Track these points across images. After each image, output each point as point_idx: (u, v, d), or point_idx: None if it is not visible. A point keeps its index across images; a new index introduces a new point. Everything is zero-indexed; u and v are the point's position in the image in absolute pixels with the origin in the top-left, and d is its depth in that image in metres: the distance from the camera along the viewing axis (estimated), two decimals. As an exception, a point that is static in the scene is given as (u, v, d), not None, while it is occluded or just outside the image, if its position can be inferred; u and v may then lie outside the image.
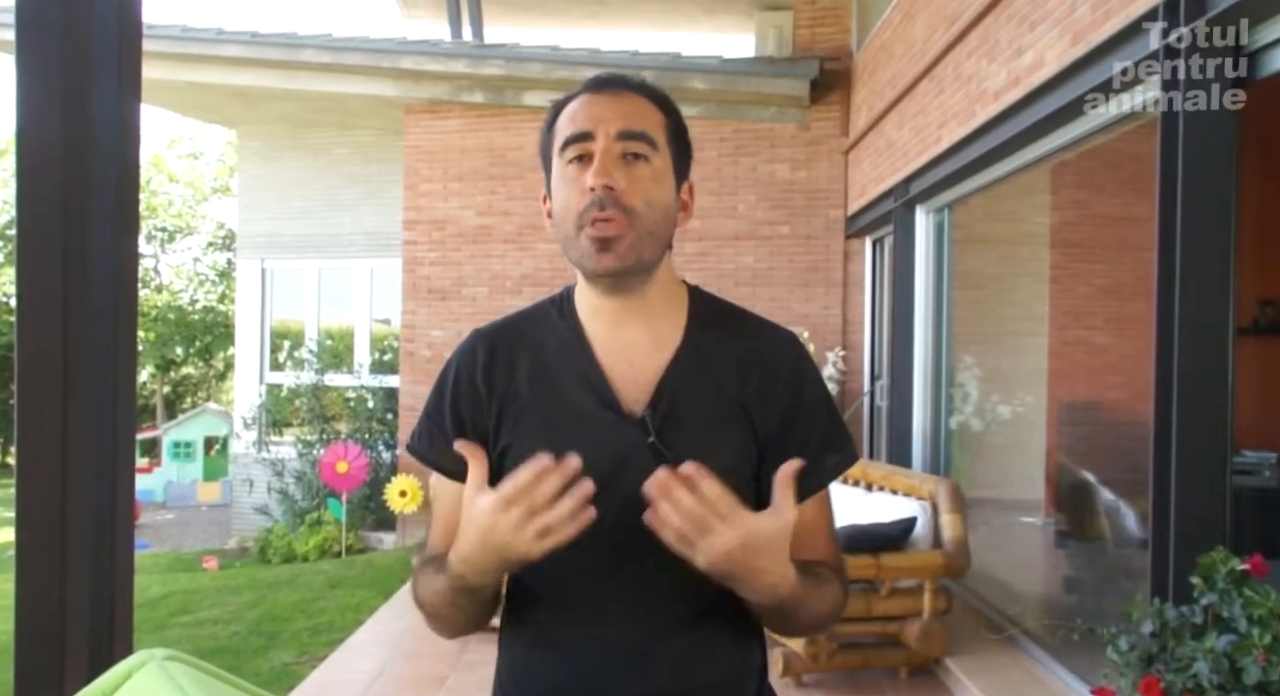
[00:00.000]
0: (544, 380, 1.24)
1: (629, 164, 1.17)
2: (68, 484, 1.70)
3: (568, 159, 1.19)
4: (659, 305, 1.26)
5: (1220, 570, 2.28)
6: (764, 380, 1.25)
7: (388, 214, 9.25)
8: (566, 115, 1.22)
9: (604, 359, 1.24)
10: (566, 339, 1.26)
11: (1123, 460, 4.38)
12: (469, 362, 1.26)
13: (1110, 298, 4.81)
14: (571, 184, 1.18)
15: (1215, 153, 2.79)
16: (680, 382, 1.23)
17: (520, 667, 1.28)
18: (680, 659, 1.21)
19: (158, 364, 22.60)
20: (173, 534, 12.35)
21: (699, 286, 1.33)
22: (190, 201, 25.09)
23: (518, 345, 1.27)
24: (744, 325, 1.31)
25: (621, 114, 1.19)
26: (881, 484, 4.71)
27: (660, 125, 1.23)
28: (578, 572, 1.21)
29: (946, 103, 4.94)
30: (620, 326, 1.25)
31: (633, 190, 1.16)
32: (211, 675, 0.80)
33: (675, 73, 7.34)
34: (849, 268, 7.40)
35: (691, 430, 1.21)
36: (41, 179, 1.68)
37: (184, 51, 7.97)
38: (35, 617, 1.73)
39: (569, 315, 1.27)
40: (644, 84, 1.25)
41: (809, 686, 4.03)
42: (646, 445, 1.19)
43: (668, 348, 1.25)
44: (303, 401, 9.95)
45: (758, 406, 1.24)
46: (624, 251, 1.16)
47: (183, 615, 6.44)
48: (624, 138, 1.18)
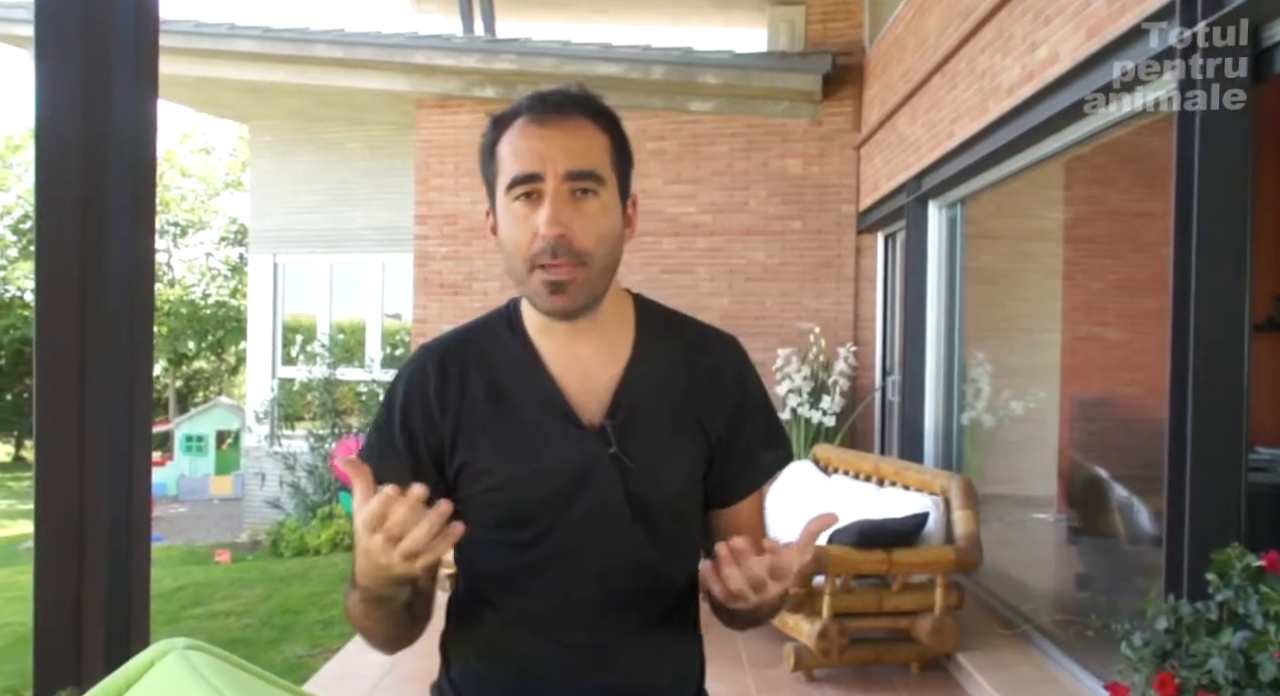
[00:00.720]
0: (499, 398, 1.24)
1: (578, 200, 1.16)
2: (85, 478, 1.72)
3: (515, 196, 1.17)
4: (608, 320, 1.27)
5: (1235, 566, 2.27)
6: (712, 385, 1.28)
7: (399, 209, 9.27)
8: (509, 148, 1.18)
9: (558, 373, 1.25)
10: (518, 356, 1.26)
11: (1136, 456, 4.36)
12: (420, 380, 1.26)
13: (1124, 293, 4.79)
14: (521, 223, 1.16)
15: (1231, 149, 2.77)
16: (635, 392, 1.25)
17: (472, 670, 1.29)
18: (637, 662, 1.24)
19: (170, 358, 22.71)
20: (185, 527, 12.43)
21: (642, 295, 1.34)
22: (202, 196, 25.20)
23: (469, 361, 1.26)
24: (689, 332, 1.33)
25: (567, 151, 1.16)
26: (893, 479, 4.70)
27: (605, 150, 1.20)
28: (538, 580, 1.22)
29: (959, 98, 4.92)
30: (571, 342, 1.25)
31: (584, 230, 1.16)
32: (233, 664, 0.81)
33: (687, 67, 7.33)
34: (861, 263, 7.38)
35: (649, 438, 1.23)
36: (60, 173, 1.69)
37: (196, 47, 7.99)
38: (54, 610, 1.74)
39: (518, 331, 1.27)
40: (586, 102, 1.21)
41: (820, 681, 4.03)
42: (608, 455, 1.21)
43: (619, 359, 1.26)
44: (314, 395, 9.98)
45: (707, 411, 1.27)
46: (577, 293, 1.17)
47: (196, 607, 6.48)
48: (573, 178, 1.16)
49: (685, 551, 1.29)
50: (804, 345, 7.11)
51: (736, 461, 1.29)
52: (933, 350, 5.89)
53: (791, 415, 6.79)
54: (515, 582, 1.23)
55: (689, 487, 1.27)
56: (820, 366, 6.96)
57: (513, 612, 1.24)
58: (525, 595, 1.23)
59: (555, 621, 1.23)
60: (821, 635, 3.88)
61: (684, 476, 1.26)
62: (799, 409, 6.77)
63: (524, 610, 1.24)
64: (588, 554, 1.21)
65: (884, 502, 4.40)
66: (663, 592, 1.27)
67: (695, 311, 1.40)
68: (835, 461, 5.31)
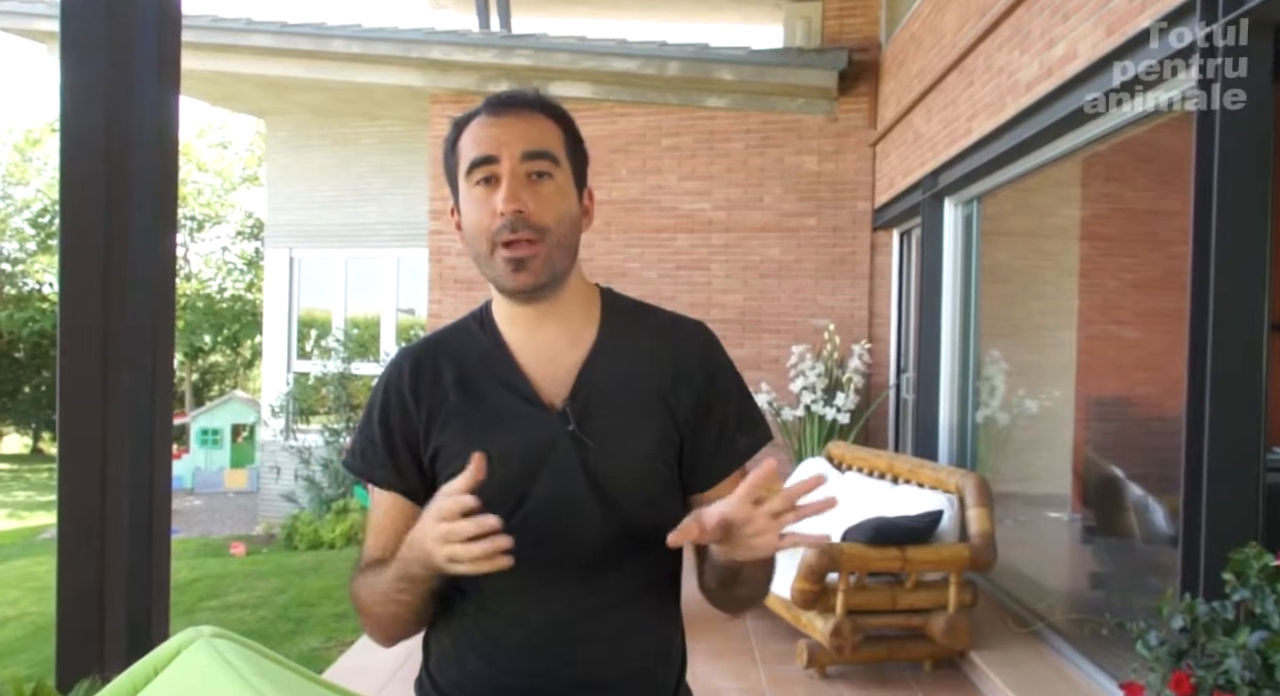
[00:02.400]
0: (467, 386, 1.30)
1: (534, 183, 1.23)
2: (108, 468, 1.73)
3: (474, 181, 1.24)
4: (573, 307, 1.32)
5: (1253, 566, 2.27)
6: (678, 370, 1.31)
7: (414, 204, 9.30)
8: (469, 138, 1.26)
9: (523, 359, 1.30)
10: (486, 347, 1.32)
11: (1151, 456, 4.34)
12: (396, 378, 1.33)
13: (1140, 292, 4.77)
14: (481, 205, 1.23)
15: (1251, 147, 2.76)
16: (598, 375, 1.29)
17: (448, 656, 1.32)
18: (611, 642, 1.27)
19: (186, 352, 22.86)
20: (200, 520, 12.50)
21: (611, 288, 1.39)
22: (219, 190, 25.33)
23: (441, 357, 1.33)
24: (655, 319, 1.39)
25: (522, 135, 1.24)
26: (908, 477, 4.70)
27: (559, 140, 1.27)
28: None
29: (976, 95, 4.91)
30: (537, 329, 1.31)
31: (542, 209, 1.22)
32: (258, 652, 0.82)
33: (703, 63, 7.32)
34: (876, 260, 7.36)
35: (610, 419, 1.27)
36: (84, 168, 1.71)
37: (214, 41, 8.03)
38: (76, 600, 1.76)
39: (489, 325, 1.34)
40: (540, 99, 1.29)
41: (833, 678, 4.04)
42: (567, 434, 1.25)
43: (584, 344, 1.31)
44: (329, 390, 10.03)
45: (674, 395, 1.30)
46: (538, 268, 1.23)
47: (211, 599, 6.53)
48: (528, 158, 1.23)
49: (654, 533, 1.28)
50: (818, 342, 7.11)
51: (708, 444, 1.31)
52: (948, 347, 5.87)
53: (805, 412, 6.78)
54: None
55: (654, 468, 1.29)
56: (834, 363, 6.95)
57: (483, 597, 1.27)
58: (493, 578, 1.23)
59: (523, 604, 1.26)
60: (835, 632, 3.89)
61: (647, 455, 1.28)
62: (812, 406, 6.76)
63: (494, 594, 1.26)
64: (553, 535, 1.24)
65: (898, 500, 4.40)
66: (632, 575, 1.28)
67: (709, 308, 1.42)
68: (849, 458, 5.31)
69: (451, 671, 1.31)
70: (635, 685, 1.31)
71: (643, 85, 7.46)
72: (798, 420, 6.81)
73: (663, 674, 1.34)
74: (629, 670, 1.29)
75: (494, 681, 1.27)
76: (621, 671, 1.29)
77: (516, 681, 1.26)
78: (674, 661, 1.37)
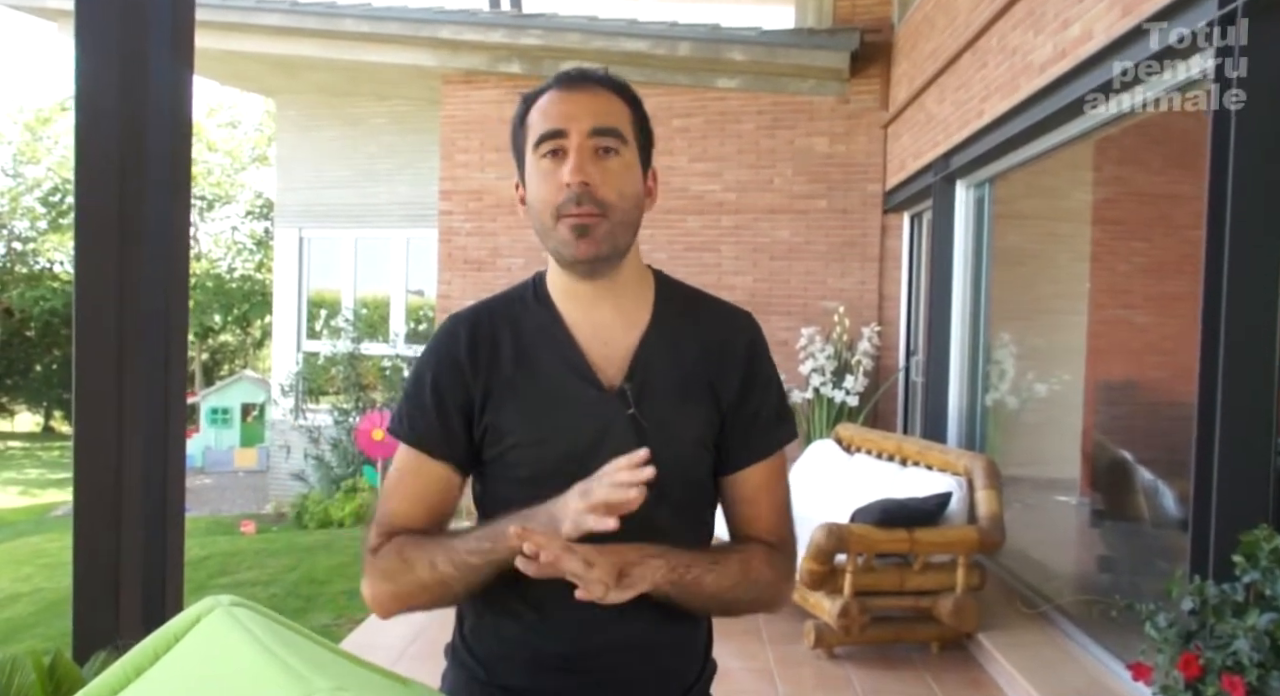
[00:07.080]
0: (525, 361, 1.31)
1: (601, 158, 1.25)
2: (124, 444, 1.75)
3: (542, 154, 1.26)
4: (628, 288, 1.34)
5: (1264, 548, 2.27)
6: (725, 355, 1.34)
7: (424, 184, 9.29)
8: (539, 112, 1.28)
9: (580, 338, 1.31)
10: (543, 321, 1.33)
11: (1161, 440, 4.33)
12: (451, 344, 1.32)
13: (1151, 276, 4.74)
14: (548, 178, 1.25)
15: (1267, 132, 2.74)
16: (652, 358, 1.31)
17: (486, 624, 1.34)
18: (648, 616, 1.28)
19: (196, 331, 22.92)
20: (211, 498, 12.58)
21: (663, 272, 1.40)
22: (229, 170, 25.34)
23: (499, 326, 1.33)
24: (705, 305, 1.41)
25: (592, 111, 1.26)
26: (916, 459, 4.70)
27: (627, 119, 1.29)
28: None
29: (989, 76, 4.87)
30: (593, 308, 1.32)
31: (606, 183, 1.24)
32: (276, 622, 0.83)
33: (714, 44, 7.28)
34: (886, 242, 7.34)
35: (664, 402, 1.29)
36: (99, 147, 1.71)
37: (224, 20, 8.02)
38: (92, 574, 1.78)
39: (543, 298, 1.34)
40: (610, 78, 1.31)
41: (840, 658, 4.05)
42: (626, 416, 1.27)
43: (638, 326, 1.33)
44: (339, 370, 10.05)
45: (720, 380, 1.33)
46: (600, 239, 1.24)
47: (222, 576, 6.58)
48: (596, 134, 1.25)
49: (694, 516, 1.34)
50: (828, 324, 7.10)
51: (743, 427, 1.34)
52: (958, 330, 5.86)
53: (814, 394, 6.78)
54: None
55: (699, 451, 1.32)
56: (844, 346, 6.95)
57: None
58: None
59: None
60: (842, 613, 3.90)
61: (695, 440, 1.31)
62: (822, 388, 6.76)
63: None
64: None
65: (907, 482, 4.40)
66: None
67: (719, 290, 1.44)
68: (858, 440, 5.31)
69: (489, 638, 1.33)
70: (676, 648, 1.35)
71: (653, 65, 7.43)
72: (807, 402, 6.81)
73: (697, 641, 1.39)
74: (664, 642, 1.33)
75: (533, 646, 1.30)
76: (657, 642, 1.32)
77: (558, 648, 1.29)
78: (705, 630, 1.41)
